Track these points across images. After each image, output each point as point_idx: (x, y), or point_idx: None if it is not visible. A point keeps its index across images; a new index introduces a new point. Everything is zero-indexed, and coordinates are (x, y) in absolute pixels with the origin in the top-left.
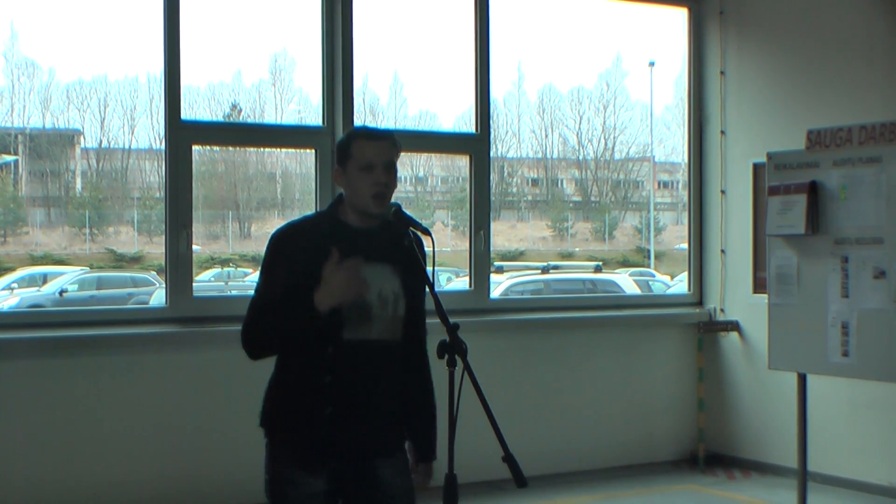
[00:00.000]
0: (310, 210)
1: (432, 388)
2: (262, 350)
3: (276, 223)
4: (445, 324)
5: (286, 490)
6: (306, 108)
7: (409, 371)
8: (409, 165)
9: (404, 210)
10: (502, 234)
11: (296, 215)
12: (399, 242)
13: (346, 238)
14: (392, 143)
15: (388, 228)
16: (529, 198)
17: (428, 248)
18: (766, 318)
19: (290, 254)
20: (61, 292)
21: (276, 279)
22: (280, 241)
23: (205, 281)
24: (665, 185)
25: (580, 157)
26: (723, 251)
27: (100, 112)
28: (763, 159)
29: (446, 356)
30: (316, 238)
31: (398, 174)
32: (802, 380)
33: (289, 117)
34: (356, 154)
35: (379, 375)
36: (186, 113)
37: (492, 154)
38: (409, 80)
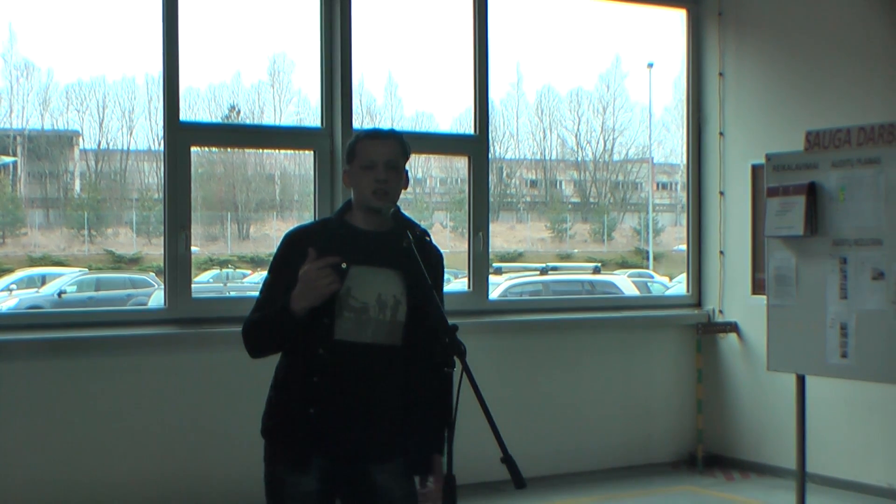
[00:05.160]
0: (308, 211)
1: (445, 392)
2: (257, 347)
3: (274, 224)
4: (444, 325)
5: (280, 489)
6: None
7: (412, 376)
8: (408, 166)
9: (403, 212)
10: (501, 236)
11: (294, 216)
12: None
13: (351, 240)
14: (396, 141)
15: (396, 232)
16: (528, 199)
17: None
18: (765, 319)
19: (294, 256)
20: (60, 293)
21: (279, 280)
22: (289, 242)
23: (203, 282)
24: (664, 186)
25: (579, 159)
26: (721, 252)
27: (98, 113)
28: (762, 160)
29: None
30: (322, 241)
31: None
32: (801, 381)
33: (288, 119)
34: (359, 153)
35: (374, 379)
36: (185, 114)
37: (490, 155)
38: (404, 82)
